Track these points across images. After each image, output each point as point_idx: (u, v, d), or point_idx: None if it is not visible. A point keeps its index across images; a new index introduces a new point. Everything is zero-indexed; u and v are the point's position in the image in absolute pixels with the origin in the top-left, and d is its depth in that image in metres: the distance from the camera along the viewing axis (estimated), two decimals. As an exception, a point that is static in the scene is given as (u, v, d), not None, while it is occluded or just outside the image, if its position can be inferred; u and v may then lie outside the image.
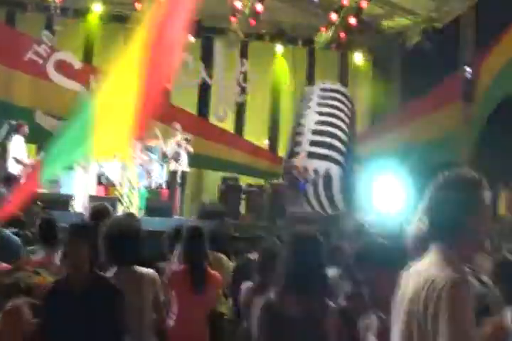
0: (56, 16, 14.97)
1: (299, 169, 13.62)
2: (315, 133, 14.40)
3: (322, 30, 16.32)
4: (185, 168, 12.40)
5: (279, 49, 17.13)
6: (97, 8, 15.38)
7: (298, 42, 17.15)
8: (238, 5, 15.30)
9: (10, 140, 11.11)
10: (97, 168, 11.74)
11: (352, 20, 15.61)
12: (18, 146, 11.08)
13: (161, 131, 12.76)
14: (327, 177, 13.75)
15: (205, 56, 16.48)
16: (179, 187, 12.25)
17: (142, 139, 9.54)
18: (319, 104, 14.90)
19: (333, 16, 15.74)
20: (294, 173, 13.64)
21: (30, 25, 15.08)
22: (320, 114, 14.73)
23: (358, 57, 17.46)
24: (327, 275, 3.45)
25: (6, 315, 3.59)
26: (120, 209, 10.42)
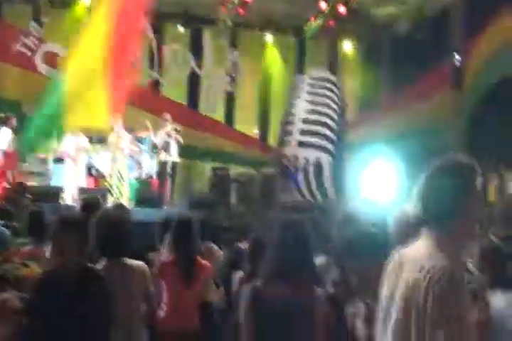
0: (44, 8, 14.87)
1: (289, 158, 13.61)
2: (305, 122, 14.36)
3: (311, 18, 16.27)
4: (175, 158, 12.36)
5: (268, 38, 17.08)
6: (85, -2, 15.28)
7: (287, 31, 17.11)
8: (227, -6, 15.27)
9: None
10: (86, 160, 11.70)
11: (341, 9, 15.58)
12: (6, 139, 11.02)
13: (151, 122, 12.73)
14: (317, 166, 13.74)
15: (194, 46, 16.40)
16: (169, 178, 12.23)
17: (121, 113, 9.46)
18: (309, 93, 14.86)
19: (323, 5, 15.70)
20: (284, 162, 13.63)
21: (17, 17, 14.96)
22: (310, 102, 14.69)
23: (348, 46, 17.45)
24: (314, 262, 3.45)
25: None
26: (110, 201, 10.39)
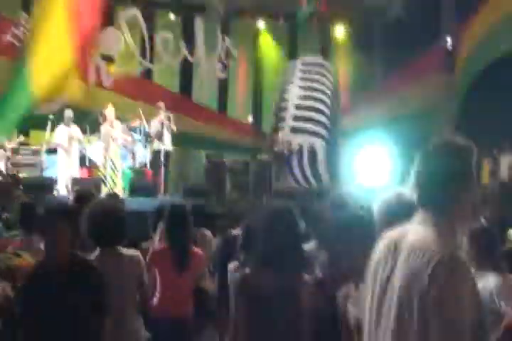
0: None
1: (283, 144, 13.61)
2: (298, 108, 14.36)
3: (303, 3, 16.18)
4: (168, 147, 12.31)
5: (260, 24, 17.02)
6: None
7: (279, 17, 17.03)
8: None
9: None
10: (79, 150, 11.65)
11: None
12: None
13: (144, 110, 12.66)
14: (312, 152, 13.75)
15: (186, 34, 16.32)
16: (163, 167, 12.18)
17: (87, 80, 9.43)
18: (302, 79, 14.84)
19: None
20: (278, 148, 13.63)
21: (7, 7, 14.83)
22: (303, 88, 14.68)
23: (339, 30, 17.39)
24: (302, 249, 3.46)
25: None
26: (104, 191, 10.38)
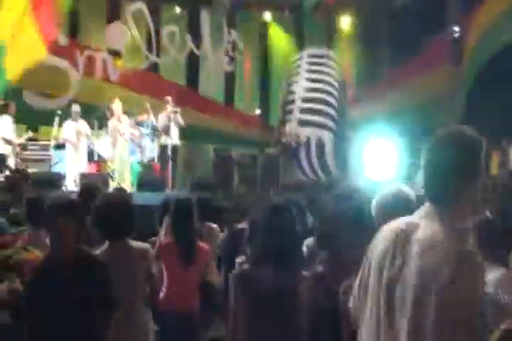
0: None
1: (291, 136, 13.58)
2: (305, 100, 14.32)
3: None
4: (175, 141, 12.31)
5: (266, 16, 16.95)
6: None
7: (284, 8, 16.96)
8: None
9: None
10: (87, 145, 11.68)
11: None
12: (6, 126, 11.01)
13: (152, 104, 12.65)
14: (319, 144, 13.73)
15: (192, 27, 16.27)
16: (171, 161, 12.18)
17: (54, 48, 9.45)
18: (308, 71, 14.79)
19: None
20: (286, 141, 13.60)
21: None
22: (310, 80, 14.64)
23: (346, 21, 17.28)
24: (301, 245, 3.47)
25: None
26: (112, 186, 10.40)
